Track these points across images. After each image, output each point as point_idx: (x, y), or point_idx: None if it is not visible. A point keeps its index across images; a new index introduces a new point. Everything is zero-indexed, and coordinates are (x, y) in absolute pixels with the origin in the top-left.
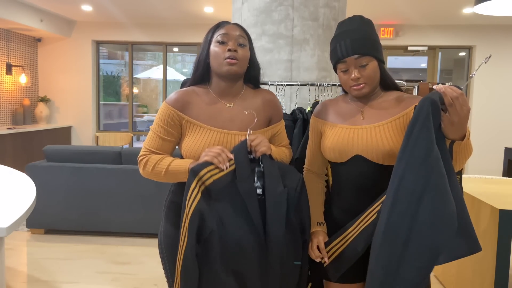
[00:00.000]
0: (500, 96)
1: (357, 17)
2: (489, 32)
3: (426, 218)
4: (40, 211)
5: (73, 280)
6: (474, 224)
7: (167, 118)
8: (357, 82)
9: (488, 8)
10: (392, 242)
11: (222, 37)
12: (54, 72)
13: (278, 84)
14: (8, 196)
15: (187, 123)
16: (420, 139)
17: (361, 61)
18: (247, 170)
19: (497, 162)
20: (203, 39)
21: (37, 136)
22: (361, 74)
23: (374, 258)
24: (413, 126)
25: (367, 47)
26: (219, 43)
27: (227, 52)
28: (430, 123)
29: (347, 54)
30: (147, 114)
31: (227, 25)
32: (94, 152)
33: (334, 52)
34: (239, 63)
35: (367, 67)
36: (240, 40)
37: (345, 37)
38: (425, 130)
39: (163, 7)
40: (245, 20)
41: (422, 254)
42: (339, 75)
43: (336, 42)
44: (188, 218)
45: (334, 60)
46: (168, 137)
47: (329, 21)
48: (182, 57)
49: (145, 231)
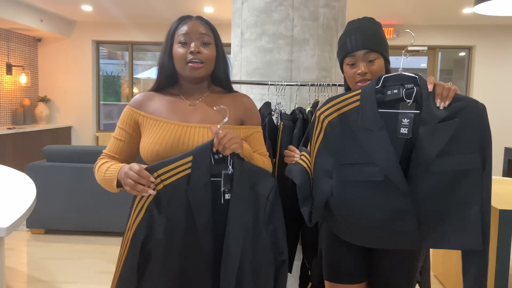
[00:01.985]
0: (500, 96)
1: (368, 17)
2: (489, 32)
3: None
4: (40, 211)
5: (73, 280)
6: None
7: (125, 119)
8: (364, 77)
9: (488, 8)
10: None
11: (184, 37)
12: (54, 72)
13: (278, 84)
14: (8, 196)
15: (144, 118)
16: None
17: (369, 56)
18: (204, 178)
19: (497, 162)
20: (165, 35)
21: (37, 136)
22: (368, 69)
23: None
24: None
25: (376, 44)
26: (181, 44)
27: (190, 55)
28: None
29: (356, 48)
30: None
31: (189, 21)
32: (94, 152)
33: (343, 46)
34: (203, 66)
35: (375, 63)
36: (205, 39)
37: (355, 32)
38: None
39: (163, 7)
40: (245, 20)
41: None
42: (345, 70)
43: (346, 37)
44: (133, 227)
45: (343, 54)
46: (125, 139)
47: (329, 21)
48: None
49: None
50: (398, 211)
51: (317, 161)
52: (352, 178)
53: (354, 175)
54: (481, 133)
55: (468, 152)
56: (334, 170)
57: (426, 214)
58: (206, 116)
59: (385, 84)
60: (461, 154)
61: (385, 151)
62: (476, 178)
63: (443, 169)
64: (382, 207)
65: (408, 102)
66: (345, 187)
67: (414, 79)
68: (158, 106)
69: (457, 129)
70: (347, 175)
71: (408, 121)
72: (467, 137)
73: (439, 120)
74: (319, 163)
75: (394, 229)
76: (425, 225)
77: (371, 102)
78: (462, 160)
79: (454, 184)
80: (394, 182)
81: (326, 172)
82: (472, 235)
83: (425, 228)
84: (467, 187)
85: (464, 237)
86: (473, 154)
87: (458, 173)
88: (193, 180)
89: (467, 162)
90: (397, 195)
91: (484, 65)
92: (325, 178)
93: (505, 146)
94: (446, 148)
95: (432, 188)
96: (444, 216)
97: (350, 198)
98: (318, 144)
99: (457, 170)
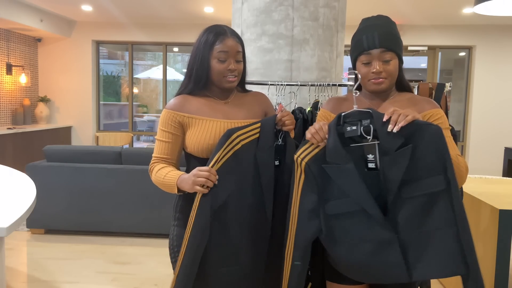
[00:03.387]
0: (500, 96)
1: (383, 15)
2: (489, 32)
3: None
4: (40, 211)
5: (73, 280)
6: (474, 224)
7: (168, 121)
8: (378, 76)
9: (488, 8)
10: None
11: (224, 56)
12: (54, 72)
13: (278, 84)
14: (8, 196)
15: (188, 119)
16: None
17: (385, 56)
18: (268, 142)
19: (497, 162)
20: (197, 44)
21: (37, 136)
22: (383, 68)
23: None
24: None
25: (393, 43)
26: (219, 61)
27: (227, 71)
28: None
29: (373, 46)
30: (147, 114)
31: (226, 39)
32: (94, 152)
33: (358, 43)
34: (237, 79)
35: (390, 63)
36: (238, 57)
37: (372, 30)
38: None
39: (163, 7)
40: (245, 20)
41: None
42: (358, 68)
43: (362, 34)
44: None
45: (357, 52)
46: (171, 140)
47: (329, 21)
48: (182, 57)
49: (145, 231)
50: (381, 242)
51: (302, 201)
52: (336, 211)
53: (337, 208)
54: (440, 155)
55: (431, 175)
56: (319, 206)
57: (408, 244)
58: (243, 112)
59: (345, 120)
60: (425, 178)
61: (355, 184)
62: (444, 200)
63: (411, 195)
64: (366, 239)
65: (368, 138)
66: (331, 220)
67: (370, 113)
68: (199, 107)
69: (414, 154)
70: (331, 209)
71: (373, 157)
72: (427, 160)
73: (396, 147)
74: (303, 203)
75: (381, 261)
76: (411, 255)
77: (334, 139)
78: (426, 184)
79: (426, 210)
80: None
81: (312, 211)
82: (452, 261)
83: (411, 259)
84: (438, 211)
85: (447, 263)
86: (437, 176)
87: (426, 197)
88: (260, 142)
89: (432, 185)
90: (377, 225)
91: (484, 65)
92: (311, 218)
93: (505, 146)
94: (410, 174)
95: (408, 216)
96: (425, 244)
97: (336, 230)
98: (301, 185)
99: (424, 194)
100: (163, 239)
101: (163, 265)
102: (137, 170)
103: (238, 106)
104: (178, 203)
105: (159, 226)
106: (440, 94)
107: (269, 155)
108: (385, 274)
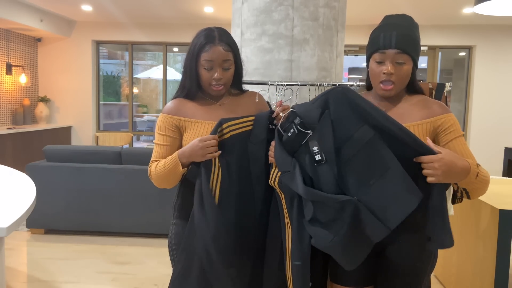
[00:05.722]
0: (500, 96)
1: (408, 16)
2: (489, 32)
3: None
4: (40, 211)
5: (73, 280)
6: (475, 224)
7: (165, 125)
8: (389, 78)
9: (488, 8)
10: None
11: (208, 64)
12: (54, 72)
13: (278, 84)
14: (8, 196)
15: (185, 122)
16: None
17: (400, 58)
18: (261, 135)
19: (497, 162)
20: (190, 48)
21: (37, 136)
22: (395, 70)
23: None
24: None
25: (410, 46)
26: (205, 69)
27: (213, 80)
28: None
29: (389, 45)
30: (147, 114)
31: (213, 47)
32: (94, 152)
33: (375, 40)
34: (224, 87)
35: (403, 67)
36: (225, 65)
37: (392, 29)
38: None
39: (163, 7)
40: (245, 20)
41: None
42: (371, 66)
43: (381, 31)
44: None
45: (373, 49)
46: (169, 143)
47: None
48: (182, 57)
49: (145, 231)
50: (349, 213)
51: (289, 211)
52: (310, 215)
53: (308, 212)
54: (353, 107)
55: (356, 129)
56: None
57: (369, 201)
58: (238, 114)
59: (284, 129)
60: (353, 134)
61: (302, 184)
62: (378, 145)
63: (350, 156)
64: (337, 218)
65: (308, 132)
66: (310, 226)
67: (294, 112)
68: (194, 110)
69: (335, 118)
70: (307, 215)
71: (317, 148)
72: (347, 119)
73: (318, 119)
74: (292, 214)
75: (358, 228)
76: (376, 210)
77: (279, 150)
78: (356, 139)
79: (367, 163)
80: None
81: (301, 220)
82: (408, 194)
83: (379, 213)
84: (377, 158)
85: (406, 198)
86: (361, 128)
87: (362, 151)
88: (252, 135)
89: (361, 138)
90: (337, 203)
91: (484, 65)
92: (302, 225)
93: (505, 146)
94: (340, 137)
95: (357, 176)
96: (381, 193)
97: (316, 233)
98: (283, 201)
99: (359, 150)
100: (163, 239)
101: (163, 265)
102: (137, 170)
103: (233, 108)
104: (177, 202)
105: (159, 226)
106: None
107: (260, 148)
108: (369, 238)
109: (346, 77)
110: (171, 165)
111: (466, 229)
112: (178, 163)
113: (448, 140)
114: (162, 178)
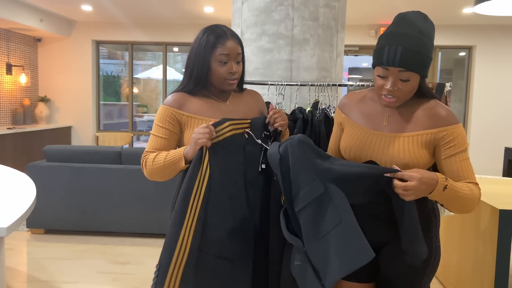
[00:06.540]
0: (500, 96)
1: (421, 21)
2: (489, 32)
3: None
4: (40, 211)
5: (73, 280)
6: (474, 224)
7: (166, 118)
8: (391, 94)
9: (488, 8)
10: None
11: (225, 58)
12: (54, 72)
13: (278, 84)
14: (8, 196)
15: (188, 118)
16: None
17: (404, 75)
18: (258, 138)
19: (497, 162)
20: (196, 44)
21: (37, 136)
22: (398, 87)
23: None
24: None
25: (415, 63)
26: (221, 63)
27: (229, 74)
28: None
29: (392, 63)
30: (147, 114)
31: (227, 41)
32: (94, 152)
33: (379, 52)
34: (237, 81)
35: (408, 83)
36: (238, 58)
37: (397, 43)
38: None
39: (163, 7)
40: (245, 20)
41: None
42: (374, 78)
43: (386, 44)
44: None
45: (377, 62)
46: (168, 136)
47: (329, 21)
48: (182, 57)
49: (145, 231)
50: (302, 260)
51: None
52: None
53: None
54: (306, 161)
55: (307, 183)
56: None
57: (314, 256)
58: (241, 112)
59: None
60: (304, 187)
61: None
62: (328, 201)
63: (300, 208)
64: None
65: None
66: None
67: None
68: (198, 107)
69: (291, 168)
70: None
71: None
72: (301, 171)
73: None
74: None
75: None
76: (318, 265)
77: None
78: (307, 192)
79: (317, 217)
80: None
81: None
82: (354, 251)
83: (320, 268)
84: (327, 213)
85: (351, 256)
86: (312, 183)
87: (312, 205)
88: (249, 137)
89: (312, 191)
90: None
91: (484, 65)
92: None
93: (505, 146)
94: (294, 188)
95: (305, 228)
96: (327, 249)
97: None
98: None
99: (309, 203)
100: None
101: None
102: (137, 170)
103: (236, 105)
104: (175, 201)
105: (159, 226)
106: (440, 94)
107: (256, 149)
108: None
109: (346, 77)
110: (173, 159)
111: (466, 229)
112: (182, 158)
113: (447, 155)
114: (159, 170)
